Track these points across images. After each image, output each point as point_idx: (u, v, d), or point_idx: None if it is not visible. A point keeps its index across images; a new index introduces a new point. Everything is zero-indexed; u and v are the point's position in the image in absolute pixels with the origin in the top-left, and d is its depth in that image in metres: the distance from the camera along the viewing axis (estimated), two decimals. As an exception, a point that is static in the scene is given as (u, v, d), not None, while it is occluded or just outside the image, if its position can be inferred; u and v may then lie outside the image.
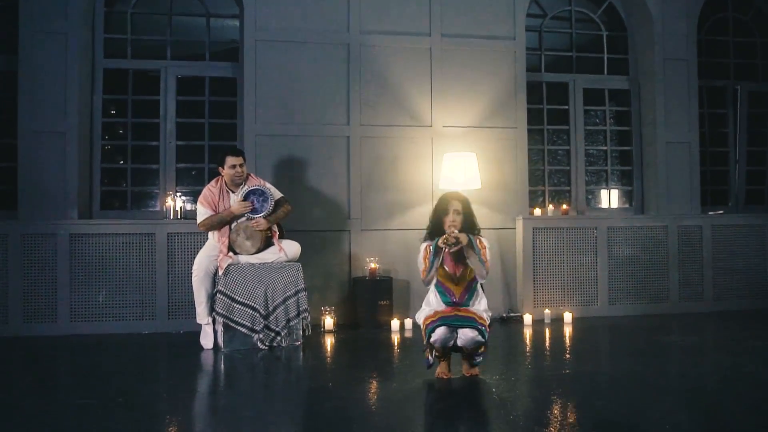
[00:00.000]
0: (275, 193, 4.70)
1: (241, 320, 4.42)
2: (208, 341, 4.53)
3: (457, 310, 3.49)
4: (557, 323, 5.43)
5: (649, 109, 6.27)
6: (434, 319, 3.44)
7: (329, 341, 4.82)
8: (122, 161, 5.73)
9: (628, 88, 6.43)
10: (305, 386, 3.67)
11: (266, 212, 4.55)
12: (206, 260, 4.55)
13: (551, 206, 6.24)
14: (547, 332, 5.11)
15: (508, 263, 5.80)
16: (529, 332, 5.11)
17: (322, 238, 5.50)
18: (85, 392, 3.40)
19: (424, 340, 3.50)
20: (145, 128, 5.71)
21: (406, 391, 3.38)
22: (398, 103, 5.69)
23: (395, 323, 5.15)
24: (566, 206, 6.14)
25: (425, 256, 3.55)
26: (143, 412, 3.06)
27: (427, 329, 3.44)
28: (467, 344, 3.43)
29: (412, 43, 5.72)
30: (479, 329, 3.39)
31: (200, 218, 4.57)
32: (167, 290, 5.13)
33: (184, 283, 5.02)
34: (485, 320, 3.49)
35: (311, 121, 5.56)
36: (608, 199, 6.54)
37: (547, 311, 5.56)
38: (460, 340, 3.42)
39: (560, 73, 6.36)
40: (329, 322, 5.11)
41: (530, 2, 6.07)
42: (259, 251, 4.55)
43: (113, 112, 5.81)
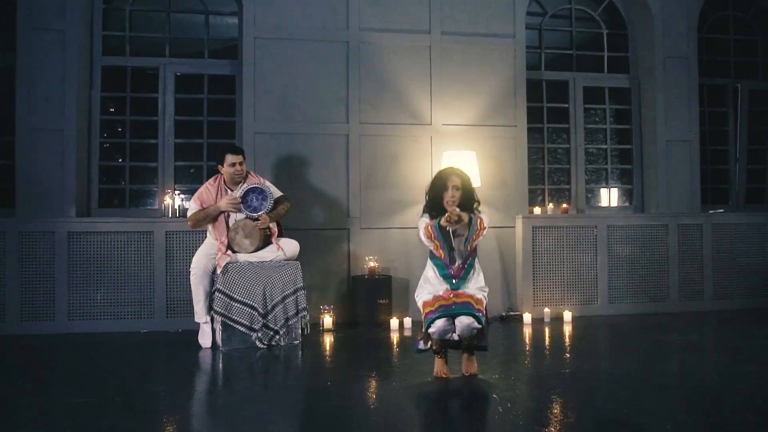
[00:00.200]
0: (275, 191, 4.68)
1: (239, 319, 4.40)
2: (206, 340, 4.52)
3: (456, 295, 3.44)
4: (557, 322, 5.42)
5: (649, 107, 6.26)
6: (433, 309, 3.42)
7: (328, 340, 4.80)
8: (120, 159, 5.71)
9: (628, 86, 6.41)
10: (304, 385, 3.66)
11: (265, 211, 4.53)
12: (205, 258, 4.53)
13: (551, 205, 6.22)
14: (546, 331, 5.09)
15: (507, 262, 5.78)
16: (528, 331, 5.09)
17: (321, 236, 5.48)
18: (82, 391, 3.38)
19: (423, 327, 3.48)
20: (143, 126, 5.69)
21: (405, 390, 3.36)
22: (398, 101, 5.67)
23: (394, 322, 5.14)
24: (566, 205, 6.12)
25: (429, 234, 3.50)
26: (141, 411, 3.04)
27: (426, 320, 3.42)
28: (464, 332, 3.37)
29: (411, 40, 5.70)
30: (475, 315, 3.36)
31: (189, 213, 4.56)
32: (165, 289, 5.11)
33: (182, 281, 5.00)
34: (482, 302, 3.45)
35: (310, 119, 5.54)
36: (608, 197, 6.52)
37: (546, 310, 5.54)
38: (457, 329, 3.38)
39: (560, 71, 6.34)
40: (328, 320, 5.10)
41: (530, 0, 6.05)
42: (257, 250, 4.53)
43: (112, 110, 5.79)
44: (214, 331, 4.50)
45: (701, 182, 6.26)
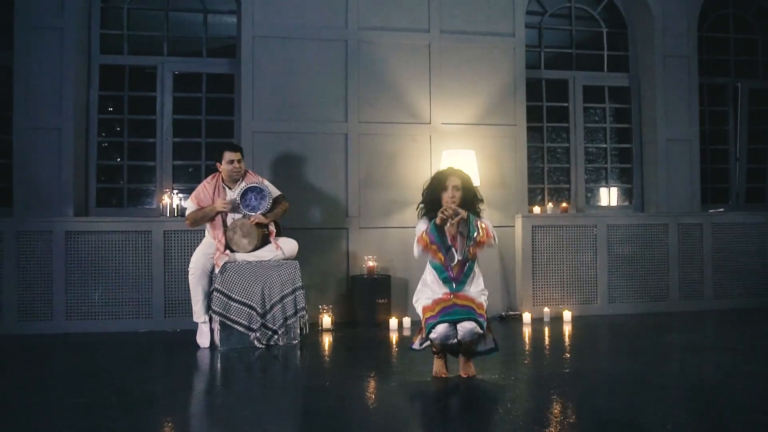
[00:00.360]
0: (273, 190, 4.66)
1: (238, 319, 4.38)
2: (204, 340, 4.50)
3: (455, 297, 3.41)
4: (556, 322, 5.40)
5: (649, 106, 6.24)
6: (434, 314, 3.38)
7: (327, 340, 4.78)
8: (118, 158, 5.68)
9: (628, 85, 6.39)
10: (303, 385, 3.64)
11: (263, 210, 4.51)
12: (203, 258, 4.51)
13: (551, 204, 6.20)
14: (546, 331, 5.07)
15: (507, 261, 5.77)
16: (528, 331, 5.08)
17: (319, 236, 5.46)
18: (79, 391, 3.36)
19: (423, 333, 3.44)
20: (141, 125, 5.67)
21: (404, 390, 3.35)
22: (397, 100, 5.65)
23: (393, 322, 5.12)
24: (566, 204, 6.11)
25: (425, 242, 3.42)
26: (139, 411, 3.02)
27: (426, 325, 3.38)
28: (466, 337, 3.33)
29: (410, 39, 5.68)
30: (478, 321, 3.33)
31: (186, 212, 4.56)
32: (164, 288, 5.09)
33: (180, 281, 4.98)
34: (483, 306, 3.43)
35: (309, 118, 5.51)
36: (608, 197, 6.51)
37: (546, 310, 5.52)
38: (459, 333, 3.33)
39: (560, 70, 6.32)
40: (327, 320, 5.08)
41: (530, -1, 6.04)
42: (256, 249, 4.52)
43: (110, 109, 5.77)
44: (212, 330, 4.49)
45: (701, 181, 6.24)
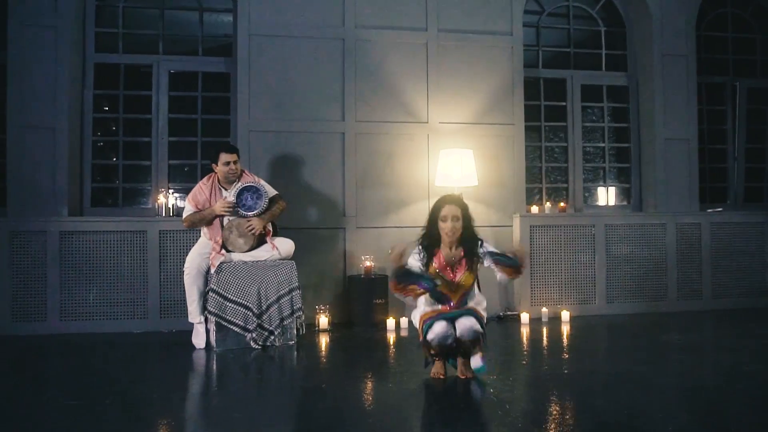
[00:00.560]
0: (269, 190, 4.63)
1: (233, 319, 4.35)
2: (200, 340, 4.46)
3: (455, 308, 3.44)
4: (555, 322, 5.37)
5: (647, 105, 6.22)
6: (433, 315, 3.37)
7: (324, 340, 4.75)
8: (114, 157, 5.64)
9: (626, 84, 6.37)
10: (299, 387, 3.60)
11: (260, 210, 4.48)
12: (198, 258, 4.47)
13: (548, 204, 6.17)
14: (544, 331, 5.05)
15: (505, 261, 5.73)
16: (526, 331, 5.05)
17: (316, 235, 5.42)
18: (73, 393, 3.32)
19: (420, 336, 3.41)
20: (136, 124, 5.63)
21: (402, 391, 3.32)
22: (394, 98, 5.62)
23: (391, 322, 5.08)
24: (564, 204, 6.08)
25: (417, 294, 3.35)
26: (133, 413, 2.99)
27: (424, 325, 3.35)
28: (465, 334, 3.29)
29: (408, 38, 5.65)
30: (477, 317, 3.32)
31: (184, 214, 4.53)
32: (159, 289, 5.05)
33: (176, 281, 4.94)
34: (483, 314, 3.42)
35: (306, 116, 5.48)
36: (606, 196, 6.48)
37: (544, 310, 5.50)
38: (458, 330, 3.30)
39: (558, 69, 6.30)
40: (324, 320, 5.05)
41: (528, -3, 6.02)
42: (252, 249, 4.48)
43: (106, 108, 5.72)
44: (208, 331, 4.45)
45: (699, 181, 6.22)
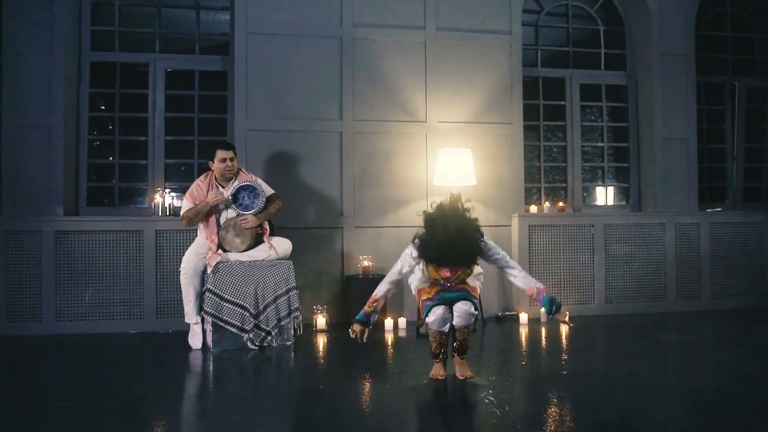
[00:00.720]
0: (266, 189, 4.60)
1: (230, 319, 4.31)
2: (196, 341, 4.42)
3: (453, 286, 3.43)
4: (553, 322, 5.32)
5: (646, 104, 6.20)
6: (431, 296, 3.39)
7: (321, 341, 4.72)
8: (110, 157, 5.60)
9: (625, 83, 6.34)
10: (296, 388, 3.58)
11: (257, 209, 4.45)
12: (195, 258, 4.43)
13: (547, 203, 6.15)
14: (543, 331, 5.02)
15: (503, 261, 5.70)
16: (524, 331, 5.02)
17: (314, 235, 5.39)
18: (67, 395, 3.30)
19: (421, 315, 3.46)
20: (133, 123, 5.59)
21: (400, 392, 3.29)
22: (392, 97, 5.59)
23: (389, 322, 5.05)
24: (562, 203, 6.06)
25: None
26: (128, 415, 2.95)
27: (424, 307, 3.39)
28: (461, 321, 3.33)
29: (406, 36, 5.62)
30: (473, 302, 3.37)
31: (182, 212, 4.50)
32: (155, 289, 5.01)
33: (172, 281, 4.90)
34: (477, 290, 3.49)
35: (303, 115, 5.45)
36: (605, 196, 6.46)
37: (543, 309, 5.47)
38: (455, 317, 3.33)
39: (557, 68, 6.27)
40: (321, 321, 5.01)
41: (526, -4, 5.99)
42: (249, 249, 4.45)
43: (103, 107, 5.68)
44: (204, 332, 4.41)
45: (698, 180, 6.20)
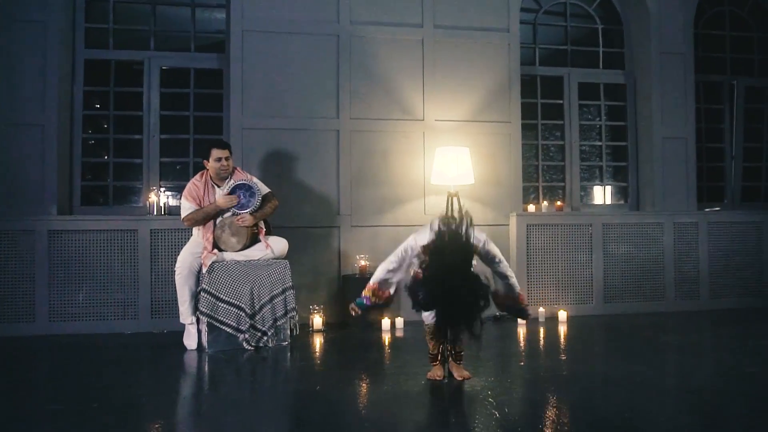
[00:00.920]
0: (262, 188, 4.56)
1: (226, 320, 4.27)
2: (191, 341, 4.38)
3: None
4: (552, 322, 5.31)
5: (645, 103, 6.17)
6: None
7: (318, 341, 4.68)
8: (105, 155, 5.55)
9: (623, 82, 6.31)
10: (293, 389, 3.53)
11: (253, 208, 4.41)
12: (190, 257, 4.39)
13: (545, 202, 6.12)
14: (541, 331, 4.99)
15: (501, 261, 5.67)
16: (523, 331, 4.98)
17: (310, 234, 5.35)
18: (60, 396, 3.24)
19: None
20: (127, 121, 5.54)
21: (398, 393, 3.25)
22: (389, 96, 5.55)
23: (386, 322, 5.02)
24: (560, 202, 6.03)
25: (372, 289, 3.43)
26: (122, 417, 2.90)
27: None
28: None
29: (403, 34, 5.58)
30: None
31: (184, 213, 4.41)
32: (150, 289, 4.97)
33: (167, 281, 4.86)
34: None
35: (300, 114, 5.40)
36: (603, 195, 6.43)
37: (541, 309, 5.43)
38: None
39: (555, 66, 6.24)
40: (318, 321, 4.97)
41: (524, -6, 5.96)
42: (245, 248, 4.41)
43: (98, 106, 5.63)
44: (199, 332, 4.37)
45: (697, 180, 6.18)
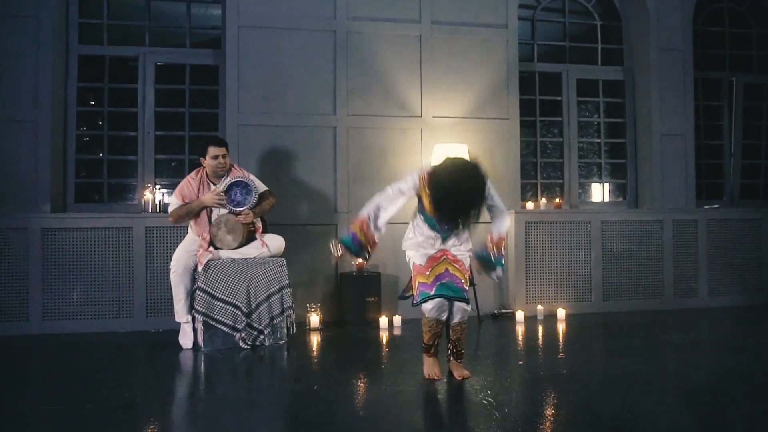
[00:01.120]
0: (259, 185, 4.51)
1: (222, 318, 4.22)
2: (187, 340, 4.33)
3: (446, 256, 3.35)
4: (550, 320, 5.28)
5: (643, 100, 6.14)
6: (428, 282, 3.27)
7: (315, 340, 4.64)
8: (99, 152, 5.49)
9: (622, 78, 6.28)
10: (289, 389, 3.49)
11: (250, 205, 4.36)
12: (185, 255, 4.34)
13: (544, 200, 6.08)
14: (540, 329, 4.96)
15: (499, 258, 5.64)
16: (521, 329, 4.95)
17: (307, 232, 5.30)
18: (52, 397, 3.20)
19: (414, 290, 3.33)
20: (122, 118, 5.48)
21: (396, 393, 3.21)
22: (387, 92, 5.50)
23: (383, 320, 4.99)
24: (559, 200, 5.99)
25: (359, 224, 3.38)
26: (116, 418, 2.85)
27: (420, 293, 3.28)
28: (458, 317, 3.34)
29: (401, 30, 5.53)
30: (467, 299, 3.36)
31: (170, 209, 4.39)
32: (145, 287, 4.92)
33: (162, 279, 4.81)
34: (467, 271, 3.43)
35: (296, 110, 5.35)
36: (601, 192, 6.40)
37: (539, 307, 5.40)
38: (454, 314, 3.33)
39: (553, 63, 6.20)
40: (315, 319, 4.93)
41: (523, -10, 5.91)
42: (240, 246, 4.36)
43: (92, 102, 5.57)
44: (195, 331, 4.32)
45: (696, 177, 6.15)
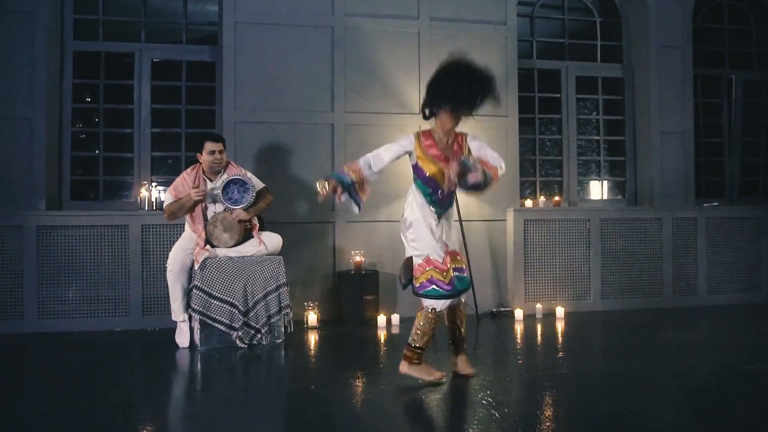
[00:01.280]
0: (257, 183, 4.48)
1: (218, 317, 4.19)
2: (183, 339, 4.31)
3: (452, 255, 3.31)
4: (549, 318, 5.26)
5: (643, 97, 6.11)
6: (445, 281, 3.21)
7: (312, 338, 4.61)
8: (94, 149, 5.45)
9: (621, 75, 6.25)
10: (287, 388, 3.47)
11: (247, 203, 4.33)
12: (182, 254, 4.31)
13: (542, 197, 6.05)
14: (539, 328, 4.93)
15: (498, 256, 5.61)
16: (520, 328, 4.93)
17: (305, 230, 5.27)
18: (47, 397, 3.18)
19: (416, 282, 3.27)
20: (118, 115, 5.44)
21: (394, 393, 3.19)
22: (385, 89, 5.46)
23: (381, 319, 4.96)
24: (558, 198, 5.96)
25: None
26: (111, 418, 2.83)
27: (433, 291, 3.20)
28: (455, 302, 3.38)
29: (399, 26, 5.49)
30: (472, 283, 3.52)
31: (164, 205, 4.37)
32: (141, 285, 4.88)
33: (159, 277, 4.77)
34: (464, 259, 3.50)
35: (294, 107, 5.31)
36: (600, 190, 6.37)
37: (538, 306, 5.38)
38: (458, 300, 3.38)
39: (552, 60, 6.17)
40: (312, 318, 4.90)
41: (522, -13, 5.88)
42: (237, 244, 4.33)
43: (88, 99, 5.53)
44: (192, 329, 4.30)
45: (695, 175, 6.12)
